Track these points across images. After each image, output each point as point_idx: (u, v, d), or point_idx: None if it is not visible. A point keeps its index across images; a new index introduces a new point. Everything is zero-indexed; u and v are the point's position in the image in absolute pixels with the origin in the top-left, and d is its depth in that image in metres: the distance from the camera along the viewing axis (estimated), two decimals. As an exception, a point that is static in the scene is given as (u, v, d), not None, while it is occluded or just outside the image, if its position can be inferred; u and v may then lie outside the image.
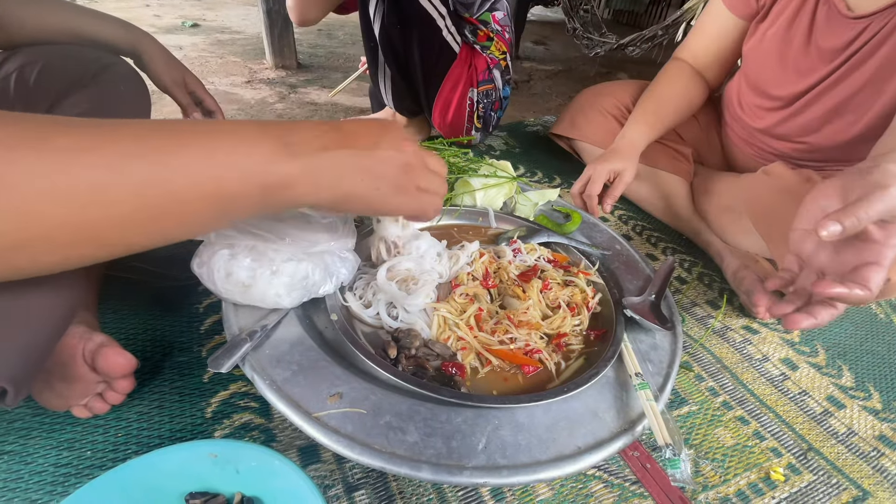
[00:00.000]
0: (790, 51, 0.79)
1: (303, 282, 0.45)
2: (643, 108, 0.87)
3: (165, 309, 0.65)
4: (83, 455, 0.49)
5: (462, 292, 0.49)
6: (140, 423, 0.52)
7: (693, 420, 0.63)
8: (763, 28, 0.83)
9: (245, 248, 0.42)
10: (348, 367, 0.41)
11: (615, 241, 0.65)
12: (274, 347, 0.42)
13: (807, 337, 0.81)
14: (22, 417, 0.51)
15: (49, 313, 0.39)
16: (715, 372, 0.71)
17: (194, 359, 0.60)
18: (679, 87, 0.89)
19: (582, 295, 0.53)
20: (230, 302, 0.45)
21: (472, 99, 1.03)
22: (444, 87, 1.00)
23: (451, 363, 0.44)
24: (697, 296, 0.86)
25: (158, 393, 0.55)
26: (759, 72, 0.86)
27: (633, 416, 0.41)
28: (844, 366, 0.77)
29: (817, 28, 0.75)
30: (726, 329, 0.79)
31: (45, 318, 0.39)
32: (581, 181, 0.77)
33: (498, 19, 1.02)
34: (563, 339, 0.49)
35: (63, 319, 0.43)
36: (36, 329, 0.39)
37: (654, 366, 0.46)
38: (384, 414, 0.38)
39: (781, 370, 0.73)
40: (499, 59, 1.02)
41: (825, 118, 0.78)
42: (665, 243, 1.00)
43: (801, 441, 0.63)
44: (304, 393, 0.38)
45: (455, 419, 0.38)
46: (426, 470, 0.34)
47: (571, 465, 0.36)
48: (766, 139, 0.88)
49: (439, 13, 0.91)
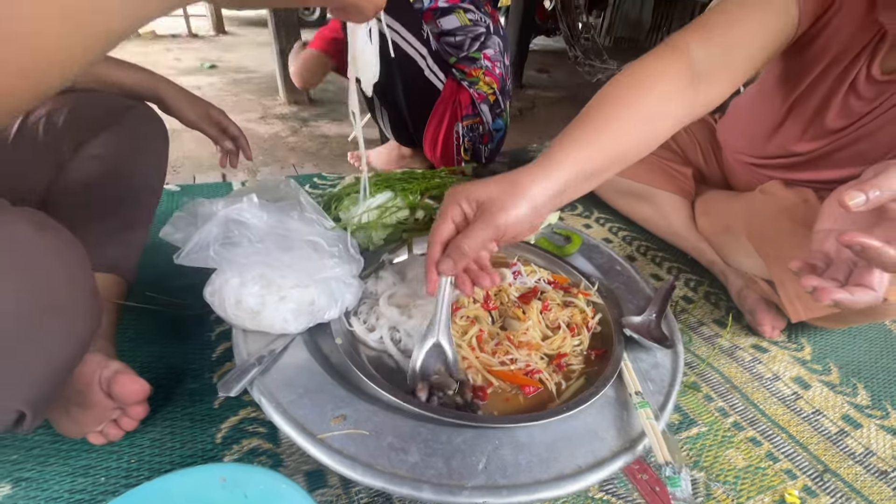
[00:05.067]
0: (804, 112, 0.75)
1: (309, 307, 0.47)
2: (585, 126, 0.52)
3: (179, 337, 0.67)
4: (97, 481, 0.50)
5: (463, 315, 0.51)
6: (152, 449, 0.53)
7: (703, 441, 0.62)
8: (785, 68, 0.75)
9: (254, 276, 0.44)
10: (352, 390, 0.43)
11: (615, 262, 0.66)
12: (281, 371, 0.44)
13: (819, 355, 0.79)
14: (40, 444, 0.53)
15: (68, 339, 0.41)
16: (724, 392, 0.70)
17: (206, 385, 0.61)
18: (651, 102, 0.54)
19: (582, 315, 0.54)
20: (240, 328, 0.47)
21: (458, 133, 1.07)
22: (431, 122, 1.05)
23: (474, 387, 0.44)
24: (704, 315, 0.86)
25: (170, 419, 0.57)
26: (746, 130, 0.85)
27: (633, 435, 0.41)
28: (859, 384, 0.75)
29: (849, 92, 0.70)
30: (735, 348, 0.79)
31: (64, 344, 0.41)
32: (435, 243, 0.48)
33: (489, 56, 1.07)
34: (564, 360, 0.49)
35: (81, 346, 0.45)
36: (55, 354, 0.41)
37: (655, 384, 0.46)
38: (386, 435, 0.39)
39: (793, 389, 0.72)
40: (487, 95, 1.06)
41: (826, 166, 0.77)
42: (670, 263, 1.00)
43: (816, 462, 0.61)
44: (309, 415, 0.39)
45: (455, 439, 0.39)
46: (427, 490, 0.34)
47: (572, 485, 0.36)
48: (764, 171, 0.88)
49: (420, 54, 0.96)
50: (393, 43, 0.95)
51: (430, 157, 1.14)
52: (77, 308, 0.42)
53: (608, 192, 1.12)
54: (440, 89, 1.03)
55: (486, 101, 1.08)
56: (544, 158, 0.49)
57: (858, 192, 0.40)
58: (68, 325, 0.42)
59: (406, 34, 0.95)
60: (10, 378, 0.37)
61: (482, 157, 1.17)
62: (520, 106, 3.83)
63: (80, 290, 0.42)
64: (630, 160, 0.54)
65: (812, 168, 0.80)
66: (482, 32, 1.06)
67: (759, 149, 0.87)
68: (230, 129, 0.81)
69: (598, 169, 0.51)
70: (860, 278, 0.43)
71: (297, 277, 0.45)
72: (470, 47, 1.05)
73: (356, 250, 0.54)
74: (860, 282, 0.43)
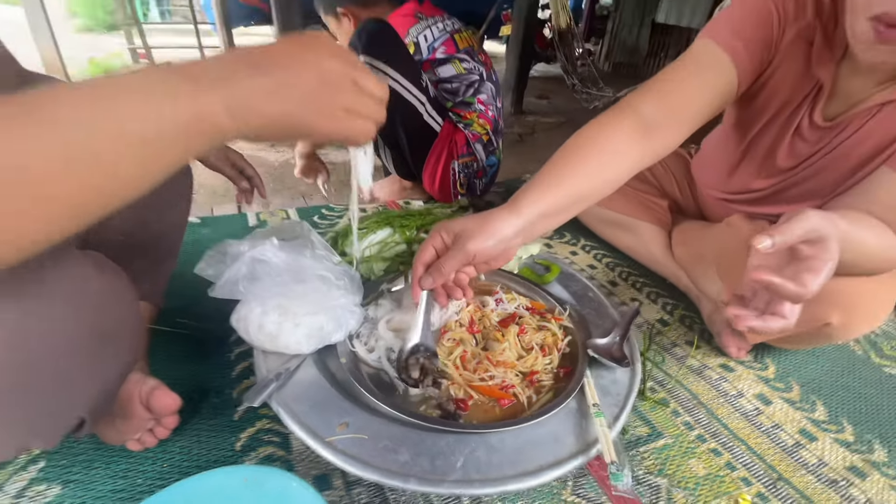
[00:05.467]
0: (757, 154, 0.84)
1: (319, 332, 0.55)
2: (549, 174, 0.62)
3: (203, 357, 0.76)
4: (135, 482, 0.58)
5: (450, 337, 0.59)
6: (181, 455, 0.61)
7: (668, 452, 0.69)
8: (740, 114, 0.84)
9: (274, 306, 0.53)
10: (354, 402, 0.51)
11: (588, 289, 0.75)
12: (295, 386, 0.52)
13: (782, 374, 0.87)
14: (85, 451, 0.61)
15: (120, 361, 0.50)
16: (691, 407, 0.77)
17: (227, 400, 0.70)
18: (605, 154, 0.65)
19: (553, 338, 0.63)
20: (261, 349, 0.56)
21: (454, 169, 1.18)
22: (430, 160, 1.16)
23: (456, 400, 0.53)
24: (678, 337, 0.94)
25: (197, 429, 0.65)
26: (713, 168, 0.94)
27: (589, 440, 0.49)
28: (818, 400, 0.82)
29: (795, 136, 0.78)
30: (704, 367, 0.86)
31: (117, 364, 0.50)
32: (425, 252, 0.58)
33: (482, 100, 1.18)
34: (536, 376, 0.57)
35: (129, 366, 0.53)
36: (110, 373, 0.50)
37: (612, 398, 0.54)
38: (382, 439, 0.47)
39: (755, 405, 0.79)
40: (480, 135, 1.18)
41: (783, 201, 0.86)
42: (649, 288, 1.08)
43: (771, 471, 0.68)
44: (318, 422, 0.48)
45: (439, 443, 0.47)
46: (413, 482, 0.42)
47: (533, 480, 0.44)
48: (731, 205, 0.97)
49: (419, 101, 1.08)
50: (395, 91, 1.06)
51: (429, 190, 1.25)
52: (128, 336, 0.51)
53: (593, 222, 1.21)
54: (438, 131, 1.14)
55: (480, 141, 1.19)
56: (513, 200, 0.59)
57: (766, 237, 0.48)
58: (121, 349, 0.51)
59: (407, 83, 1.06)
60: (77, 391, 0.46)
61: (477, 191, 1.27)
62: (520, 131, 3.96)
63: (130, 322, 0.51)
64: (591, 200, 0.65)
65: (770, 203, 0.89)
66: (476, 80, 1.17)
67: (725, 184, 0.96)
68: (246, 170, 0.91)
69: (560, 208, 0.61)
70: (773, 308, 0.51)
71: (309, 306, 0.54)
72: (465, 93, 1.17)
73: (359, 282, 0.63)
74: (773, 311, 0.51)
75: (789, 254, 0.51)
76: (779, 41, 0.73)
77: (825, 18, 0.70)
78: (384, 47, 1.03)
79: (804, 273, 0.49)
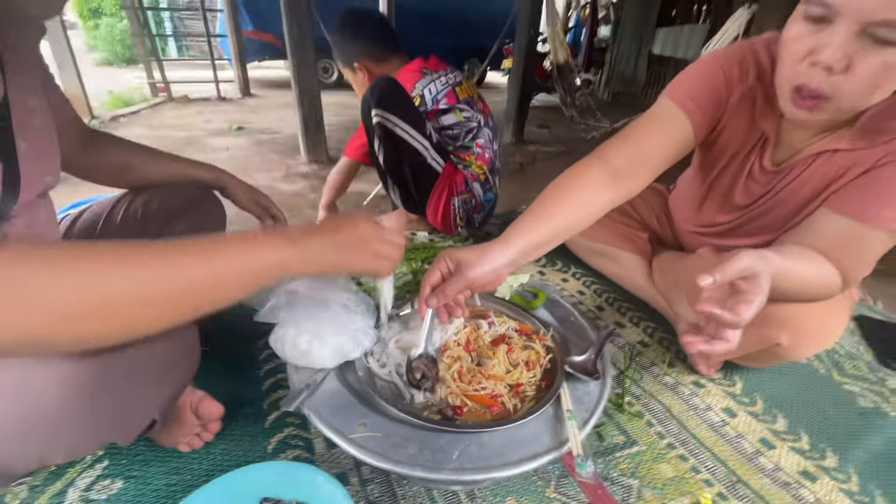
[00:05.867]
0: (718, 193, 0.97)
1: (341, 349, 0.67)
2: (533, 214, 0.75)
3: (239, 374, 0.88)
4: (185, 478, 0.69)
5: (449, 355, 0.71)
6: (223, 455, 0.73)
7: (641, 457, 0.79)
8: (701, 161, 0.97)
9: (305, 329, 0.65)
10: (370, 407, 0.62)
11: (570, 314, 0.86)
12: (321, 394, 0.64)
13: (748, 389, 0.96)
14: (143, 452, 0.72)
15: (188, 372, 0.62)
16: (664, 419, 0.87)
17: (259, 410, 0.81)
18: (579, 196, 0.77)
19: (537, 355, 0.74)
20: (293, 364, 0.68)
21: (454, 205, 1.32)
22: (433, 197, 1.30)
23: (453, 406, 0.65)
24: (656, 357, 1.04)
25: (235, 435, 0.76)
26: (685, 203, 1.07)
27: (563, 439, 0.59)
28: (780, 414, 0.91)
29: (748, 178, 0.90)
30: (678, 384, 0.96)
31: (185, 375, 0.62)
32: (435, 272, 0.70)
33: (480, 144, 1.33)
34: (521, 388, 0.69)
35: (191, 377, 0.65)
36: (180, 381, 0.61)
37: (584, 405, 0.65)
38: (393, 437, 0.58)
39: (722, 417, 0.89)
40: (478, 175, 1.32)
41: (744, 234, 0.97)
42: (632, 312, 1.19)
43: (731, 475, 0.77)
44: (342, 423, 0.59)
45: (439, 440, 0.58)
46: (419, 470, 0.53)
47: (514, 469, 0.55)
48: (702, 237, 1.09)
49: (423, 146, 1.23)
50: (401, 139, 1.21)
51: (432, 223, 1.38)
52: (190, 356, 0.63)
53: (582, 252, 1.33)
54: (440, 171, 1.28)
55: (478, 180, 1.33)
56: (505, 235, 0.72)
57: (708, 276, 0.60)
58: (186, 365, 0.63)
59: (412, 131, 1.21)
60: (156, 396, 0.58)
61: (476, 224, 1.40)
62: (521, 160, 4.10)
63: (194, 344, 0.63)
64: (569, 234, 0.78)
65: (733, 236, 1.00)
66: (475, 126, 1.32)
67: (695, 218, 1.08)
68: (271, 209, 1.04)
69: (543, 242, 0.74)
70: (719, 333, 0.62)
71: (333, 329, 0.66)
72: (465, 138, 1.32)
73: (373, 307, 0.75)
74: (718, 336, 0.62)
75: (730, 288, 0.63)
76: (727, 100, 0.86)
77: (766, 82, 0.83)
78: (393, 102, 1.18)
79: (739, 304, 0.60)
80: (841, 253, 0.75)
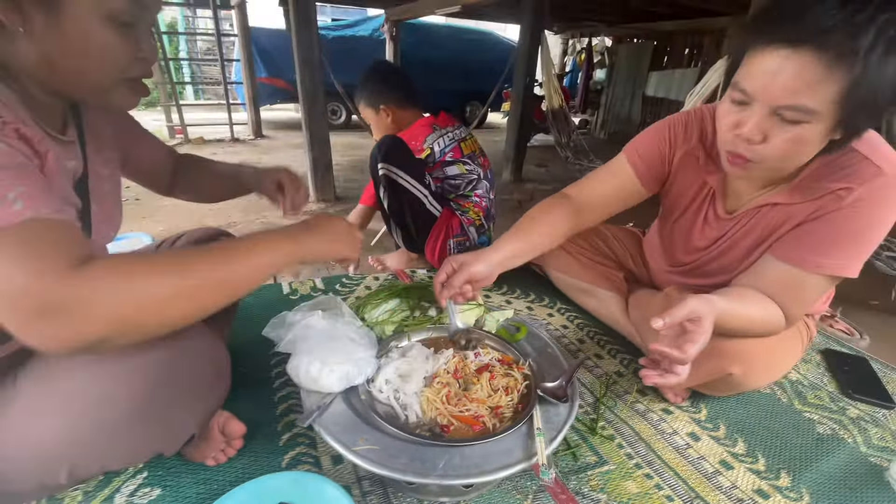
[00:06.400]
0: (679, 235, 1.11)
1: (346, 376, 0.80)
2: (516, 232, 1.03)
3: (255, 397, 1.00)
4: (212, 488, 0.80)
5: (439, 381, 0.83)
6: (244, 469, 0.83)
7: (610, 475, 0.89)
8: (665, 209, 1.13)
9: (317, 357, 0.78)
10: (370, 425, 0.74)
11: (548, 345, 0.98)
12: (330, 414, 0.76)
13: (712, 416, 1.06)
14: (175, 465, 0.83)
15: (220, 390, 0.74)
16: (633, 442, 0.97)
17: (274, 431, 0.92)
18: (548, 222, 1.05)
19: (515, 382, 0.86)
20: (305, 389, 0.80)
21: (450, 246, 1.47)
22: (430, 239, 1.46)
23: (442, 425, 0.76)
24: (630, 386, 1.14)
25: (253, 451, 0.87)
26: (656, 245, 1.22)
27: (532, 452, 0.71)
28: (741, 438, 1.01)
29: (704, 223, 1.04)
30: (648, 411, 1.07)
31: (220, 395, 0.75)
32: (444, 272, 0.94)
33: (478, 194, 1.50)
34: (500, 410, 0.80)
35: (224, 396, 0.77)
36: (216, 400, 0.74)
37: (553, 424, 0.76)
38: (389, 449, 0.70)
39: (686, 441, 0.99)
40: (474, 220, 1.48)
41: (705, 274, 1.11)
42: (611, 345, 1.31)
43: (690, 491, 0.87)
44: (347, 438, 0.71)
45: (427, 453, 0.69)
46: (410, 475, 0.65)
47: (491, 476, 0.66)
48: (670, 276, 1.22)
49: (422, 194, 1.39)
50: (404, 188, 1.37)
51: (430, 261, 1.53)
52: (224, 379, 0.76)
53: (567, 289, 1.45)
54: (437, 216, 1.44)
55: (474, 225, 1.48)
56: (494, 244, 0.99)
57: (659, 319, 0.72)
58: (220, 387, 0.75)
59: (413, 181, 1.37)
60: (197, 414, 0.70)
61: (469, 263, 1.55)
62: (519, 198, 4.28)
63: (226, 369, 0.76)
64: (541, 250, 1.04)
65: (696, 275, 1.13)
66: (475, 178, 1.49)
67: (663, 258, 1.21)
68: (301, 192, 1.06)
69: (519, 254, 1.00)
70: (670, 368, 0.74)
71: (340, 358, 0.79)
72: (465, 188, 1.48)
73: (375, 340, 0.88)
74: (670, 370, 0.74)
75: (680, 328, 0.75)
76: (671, 158, 1.02)
77: (707, 143, 0.99)
78: (396, 157, 1.36)
79: (686, 343, 0.72)
80: (784, 295, 0.88)
